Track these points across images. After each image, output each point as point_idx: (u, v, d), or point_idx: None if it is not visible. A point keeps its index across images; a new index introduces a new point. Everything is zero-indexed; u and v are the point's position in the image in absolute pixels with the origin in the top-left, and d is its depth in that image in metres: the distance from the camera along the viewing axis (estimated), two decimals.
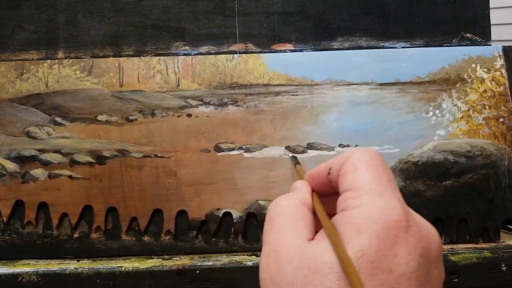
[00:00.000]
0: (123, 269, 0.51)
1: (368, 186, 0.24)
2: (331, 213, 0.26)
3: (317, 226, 0.26)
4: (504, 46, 0.58)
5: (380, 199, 0.23)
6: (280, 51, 0.59)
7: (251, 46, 0.59)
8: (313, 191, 0.29)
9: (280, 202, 0.27)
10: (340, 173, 0.26)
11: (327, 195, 0.29)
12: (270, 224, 0.26)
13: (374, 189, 0.24)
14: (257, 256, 0.54)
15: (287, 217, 0.26)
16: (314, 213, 0.27)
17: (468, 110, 0.57)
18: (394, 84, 0.58)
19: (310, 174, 0.30)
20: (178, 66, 0.57)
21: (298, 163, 0.43)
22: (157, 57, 0.58)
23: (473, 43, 0.60)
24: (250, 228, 0.56)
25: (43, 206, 0.55)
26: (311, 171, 0.30)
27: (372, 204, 0.23)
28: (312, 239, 0.25)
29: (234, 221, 0.55)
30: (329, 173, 0.27)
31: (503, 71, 0.58)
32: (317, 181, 0.29)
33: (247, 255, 0.54)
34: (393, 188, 0.25)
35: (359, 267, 0.21)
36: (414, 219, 0.24)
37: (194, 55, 0.59)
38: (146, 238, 0.55)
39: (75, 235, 0.55)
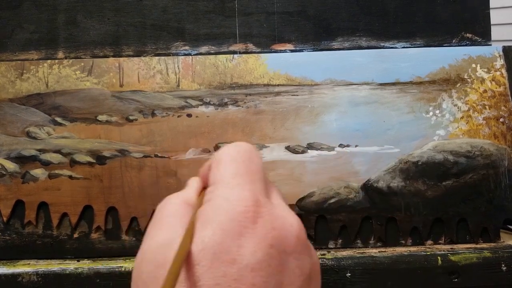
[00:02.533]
0: (123, 269, 0.51)
1: (225, 180, 0.25)
2: None
3: None
4: (504, 46, 0.58)
5: (231, 191, 0.24)
6: (280, 51, 0.59)
7: (251, 46, 0.59)
8: (204, 188, 0.29)
9: (166, 201, 0.28)
10: (210, 168, 0.27)
11: None
12: (151, 223, 0.27)
13: (230, 183, 0.24)
14: None
15: (166, 217, 0.26)
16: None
17: (468, 110, 0.57)
18: (394, 84, 0.58)
19: (200, 171, 0.30)
20: (178, 66, 0.57)
21: None
22: (157, 57, 0.58)
23: (473, 43, 0.60)
24: None
25: (43, 206, 0.55)
26: (201, 168, 0.30)
27: (222, 197, 0.23)
28: None
29: None
30: (209, 169, 0.28)
31: (503, 71, 0.58)
32: (205, 178, 0.29)
33: None
34: (252, 180, 0.25)
35: (199, 260, 0.21)
36: (270, 210, 0.23)
37: (194, 55, 0.59)
38: None
39: (75, 235, 0.55)
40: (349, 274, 0.51)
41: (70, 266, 0.52)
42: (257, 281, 0.21)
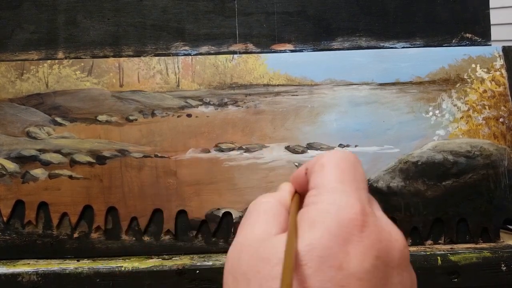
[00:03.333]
0: (123, 269, 0.51)
1: (330, 185, 0.25)
2: None
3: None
4: (504, 46, 0.58)
5: (339, 197, 0.24)
6: (280, 51, 0.59)
7: (251, 46, 0.59)
8: (296, 192, 0.29)
9: (260, 199, 0.28)
10: (310, 172, 0.27)
11: None
12: (245, 218, 0.27)
13: (336, 188, 0.24)
14: None
15: (261, 213, 0.27)
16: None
17: (468, 110, 0.57)
18: (394, 84, 0.58)
19: (293, 175, 0.30)
20: (178, 66, 0.57)
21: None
22: (157, 57, 0.58)
23: (473, 43, 0.60)
24: None
25: (43, 206, 0.55)
26: (294, 172, 0.30)
27: (330, 201, 0.23)
28: None
29: (234, 221, 0.55)
30: (305, 173, 0.28)
31: (503, 71, 0.58)
32: (298, 182, 0.29)
33: None
34: (357, 188, 0.25)
35: (307, 261, 0.21)
36: (375, 221, 0.23)
37: (194, 55, 0.59)
38: (146, 238, 0.55)
39: (75, 235, 0.55)
40: None
41: (70, 266, 0.52)
42: None
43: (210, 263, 0.52)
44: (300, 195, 0.29)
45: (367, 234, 0.22)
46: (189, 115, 0.57)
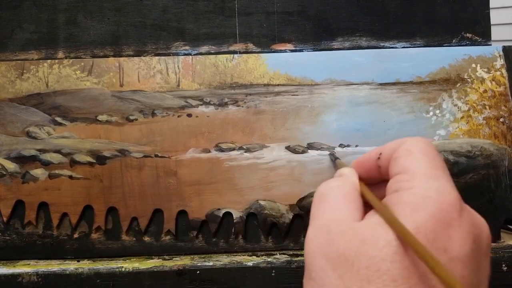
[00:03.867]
0: (123, 269, 0.51)
1: (423, 170, 0.25)
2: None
3: (365, 212, 0.27)
4: (504, 46, 0.58)
5: (436, 182, 0.24)
6: (280, 51, 0.59)
7: (251, 46, 0.59)
8: (359, 178, 0.30)
9: (332, 183, 0.28)
10: (393, 157, 0.27)
11: (371, 184, 0.30)
12: (321, 201, 0.27)
13: (430, 173, 0.25)
14: (257, 256, 0.54)
15: (339, 196, 0.27)
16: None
17: (469, 110, 0.57)
18: (394, 84, 0.58)
19: (358, 161, 0.30)
20: (178, 66, 0.57)
21: (338, 158, 0.43)
22: (157, 57, 0.58)
23: (473, 43, 0.60)
24: (251, 228, 0.56)
25: (43, 206, 0.55)
26: (359, 158, 0.30)
27: (428, 186, 0.24)
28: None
29: (235, 221, 0.55)
30: (378, 158, 0.28)
31: (503, 71, 0.58)
32: (365, 168, 0.29)
33: (248, 255, 0.54)
34: (448, 175, 0.25)
35: None
36: (466, 206, 0.24)
37: (194, 55, 0.59)
38: (146, 238, 0.55)
39: (75, 235, 0.55)
40: None
41: (70, 266, 0.52)
42: (466, 274, 0.22)
43: (211, 263, 0.52)
44: (362, 180, 0.29)
45: (465, 218, 0.23)
46: (189, 115, 0.57)
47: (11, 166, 0.55)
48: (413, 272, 0.21)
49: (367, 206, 0.27)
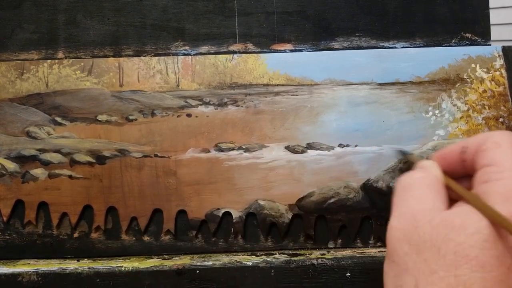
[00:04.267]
0: (123, 269, 0.51)
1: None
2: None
3: (449, 205, 0.27)
4: (503, 46, 0.58)
5: None
6: (280, 51, 0.59)
7: (250, 46, 0.59)
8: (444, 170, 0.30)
9: (415, 174, 0.28)
10: (480, 149, 0.27)
11: (453, 178, 0.30)
12: (405, 191, 0.27)
13: None
14: (257, 256, 0.54)
15: (424, 187, 0.27)
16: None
17: (468, 110, 0.57)
18: (393, 84, 0.58)
19: (441, 154, 0.31)
20: (178, 66, 0.57)
21: (409, 153, 0.43)
22: (157, 57, 0.58)
23: (472, 43, 0.60)
24: (250, 228, 0.56)
25: (43, 206, 0.55)
26: (441, 151, 0.31)
27: None
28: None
29: (234, 221, 0.55)
30: (463, 151, 0.28)
31: (503, 71, 0.58)
32: (448, 161, 0.30)
33: (247, 255, 0.54)
34: None
35: None
36: None
37: (194, 55, 0.59)
38: (146, 238, 0.55)
39: (75, 235, 0.55)
40: (349, 274, 0.51)
41: (70, 266, 0.52)
42: None
43: (210, 263, 0.52)
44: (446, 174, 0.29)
45: None
46: (189, 115, 0.57)
47: (11, 166, 0.55)
48: (503, 261, 0.22)
49: (450, 200, 0.28)
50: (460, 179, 0.29)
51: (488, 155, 0.27)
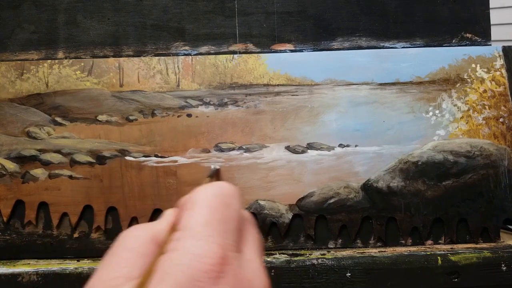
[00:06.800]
0: None
1: (195, 229, 0.23)
2: None
3: None
4: (504, 46, 0.58)
5: (199, 244, 0.22)
6: (280, 51, 0.59)
7: (251, 46, 0.59)
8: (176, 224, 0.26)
9: (133, 232, 0.25)
10: (182, 210, 0.24)
11: None
12: (109, 254, 0.24)
13: (199, 233, 0.22)
14: None
15: (127, 251, 0.24)
16: None
17: (468, 110, 0.57)
18: (394, 84, 0.58)
19: (178, 203, 0.27)
20: (178, 66, 0.57)
21: (212, 176, 0.35)
22: (157, 57, 0.58)
23: (473, 43, 0.60)
24: None
25: (43, 206, 0.55)
26: (181, 199, 0.27)
27: (187, 250, 0.21)
28: None
29: None
30: (179, 207, 0.25)
31: (503, 71, 0.58)
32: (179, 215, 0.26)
33: None
34: (225, 231, 0.23)
35: None
36: (235, 269, 0.22)
37: (194, 55, 0.59)
38: None
39: (75, 235, 0.55)
40: (349, 274, 0.51)
41: (70, 266, 0.52)
42: None
43: None
44: None
45: (222, 286, 0.21)
46: (189, 115, 0.57)
47: (11, 166, 0.55)
48: None
49: None
50: None
51: (182, 218, 0.23)
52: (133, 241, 0.24)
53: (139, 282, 0.21)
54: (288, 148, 0.56)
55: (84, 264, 0.52)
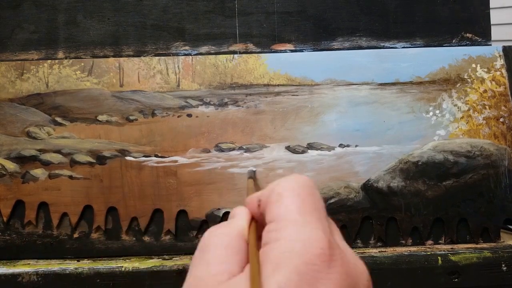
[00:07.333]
0: (123, 269, 0.51)
1: (291, 217, 0.23)
2: None
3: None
4: (504, 46, 0.58)
5: (303, 230, 0.22)
6: (280, 51, 0.59)
7: (251, 46, 0.59)
8: (253, 218, 0.26)
9: (218, 230, 0.25)
10: (267, 202, 0.25)
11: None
12: (201, 253, 0.24)
13: (298, 220, 0.23)
14: None
15: (220, 248, 0.24)
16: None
17: (468, 110, 0.57)
18: (394, 84, 0.58)
19: (248, 200, 0.27)
20: (178, 66, 0.57)
21: (252, 177, 0.37)
22: (157, 57, 0.58)
23: (473, 43, 0.60)
24: None
25: (43, 206, 0.55)
26: (248, 198, 0.27)
27: (294, 237, 0.22)
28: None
29: None
30: (259, 205, 0.26)
31: (503, 71, 0.58)
32: (253, 211, 0.26)
33: None
34: (319, 218, 0.23)
35: None
36: (341, 253, 0.22)
37: (194, 55, 0.59)
38: (146, 238, 0.55)
39: (75, 235, 0.55)
40: None
41: (70, 266, 0.52)
42: None
43: None
44: (256, 222, 0.26)
45: (336, 269, 0.21)
46: (189, 115, 0.57)
47: (11, 166, 0.55)
48: None
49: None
50: None
51: (271, 210, 0.24)
52: (223, 239, 0.24)
53: (252, 274, 0.21)
54: (288, 148, 0.56)
55: (84, 264, 0.52)
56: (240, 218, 0.26)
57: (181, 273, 0.51)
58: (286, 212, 0.23)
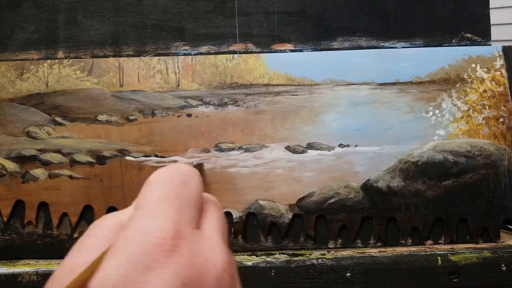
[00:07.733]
0: None
1: (149, 207, 0.23)
2: None
3: None
4: (504, 46, 0.58)
5: (151, 220, 0.22)
6: (280, 51, 0.59)
7: (251, 46, 0.59)
8: None
9: (102, 221, 0.25)
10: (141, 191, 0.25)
11: None
12: (76, 244, 0.24)
13: (152, 210, 0.23)
14: (257, 256, 0.54)
15: (94, 237, 0.24)
16: None
17: (468, 110, 0.57)
18: (394, 84, 0.58)
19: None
20: (178, 66, 0.57)
21: (198, 169, 0.37)
22: (157, 57, 0.58)
23: (473, 43, 0.60)
24: (250, 228, 0.56)
25: (43, 206, 0.55)
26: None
27: (140, 227, 0.22)
28: None
29: (234, 221, 0.55)
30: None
31: (503, 71, 0.58)
32: None
33: (247, 255, 0.54)
34: (179, 207, 0.23)
35: None
36: (190, 243, 0.22)
37: (194, 55, 0.59)
38: None
39: (75, 235, 0.55)
40: (349, 274, 0.51)
41: None
42: None
43: None
44: None
45: (176, 259, 0.21)
46: (189, 115, 0.57)
47: (11, 166, 0.55)
48: None
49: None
50: None
51: (138, 198, 0.24)
52: (102, 229, 0.24)
53: (95, 260, 0.21)
54: (288, 148, 0.56)
55: None
56: (131, 207, 0.26)
57: None
58: (145, 201, 0.23)
